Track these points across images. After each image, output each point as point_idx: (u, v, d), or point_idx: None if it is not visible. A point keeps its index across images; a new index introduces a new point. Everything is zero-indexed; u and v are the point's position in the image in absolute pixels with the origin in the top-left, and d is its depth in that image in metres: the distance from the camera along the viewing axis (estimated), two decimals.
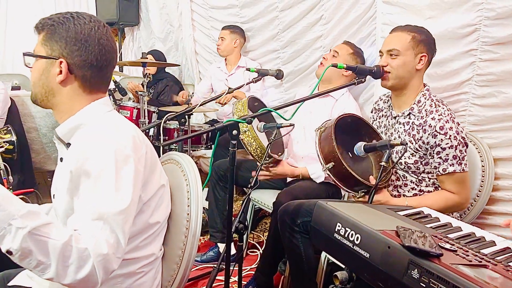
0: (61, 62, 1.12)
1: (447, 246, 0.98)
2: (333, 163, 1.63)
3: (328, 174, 1.66)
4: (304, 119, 2.51)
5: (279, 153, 2.34)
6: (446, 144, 1.72)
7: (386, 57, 1.84)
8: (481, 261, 0.95)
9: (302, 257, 1.86)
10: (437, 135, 1.72)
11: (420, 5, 2.19)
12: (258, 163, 2.11)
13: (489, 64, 2.01)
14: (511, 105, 1.96)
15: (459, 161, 1.73)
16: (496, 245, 1.13)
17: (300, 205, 1.89)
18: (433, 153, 1.75)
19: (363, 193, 1.65)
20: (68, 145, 1.18)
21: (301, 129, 2.51)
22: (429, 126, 1.74)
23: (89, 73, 1.15)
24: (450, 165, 1.73)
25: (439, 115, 1.74)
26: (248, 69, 2.58)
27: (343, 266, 1.21)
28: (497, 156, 2.05)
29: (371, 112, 2.14)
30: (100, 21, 1.18)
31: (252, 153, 2.08)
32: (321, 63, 2.57)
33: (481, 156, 2.02)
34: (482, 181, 2.00)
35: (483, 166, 2.01)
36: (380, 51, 1.89)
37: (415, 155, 1.81)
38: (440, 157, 1.74)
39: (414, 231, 1.00)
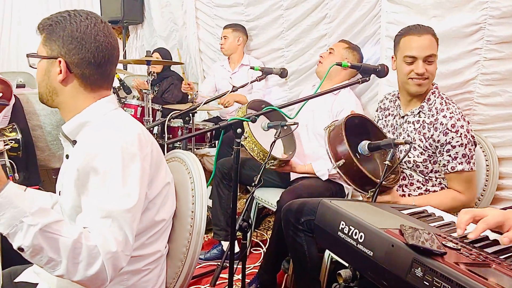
0: (60, 62, 1.13)
1: (451, 245, 0.98)
2: (344, 161, 1.62)
3: (337, 172, 1.66)
4: (306, 118, 2.51)
5: (291, 152, 2.34)
6: (457, 142, 1.72)
7: (422, 64, 1.76)
8: (484, 260, 0.95)
9: (305, 255, 1.86)
10: (448, 133, 1.72)
11: (425, 4, 2.19)
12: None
13: (494, 63, 2.01)
14: None
15: (468, 159, 1.73)
16: (499, 244, 1.13)
17: (303, 204, 1.89)
18: (443, 151, 1.75)
19: (372, 193, 1.64)
20: (74, 142, 1.19)
21: (303, 128, 2.52)
22: (440, 124, 1.74)
23: (87, 71, 1.15)
24: (459, 164, 1.74)
25: (450, 113, 1.74)
26: (252, 68, 2.59)
27: (347, 265, 1.22)
28: (501, 156, 2.04)
29: (376, 111, 2.14)
30: (98, 18, 1.17)
31: (256, 157, 2.09)
32: (319, 62, 2.59)
33: (485, 155, 2.02)
34: (487, 180, 2.00)
35: (487, 165, 2.01)
36: (411, 57, 1.78)
37: (424, 154, 1.81)
38: (450, 155, 1.74)
39: (418, 230, 1.00)
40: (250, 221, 1.60)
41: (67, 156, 1.24)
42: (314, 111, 2.51)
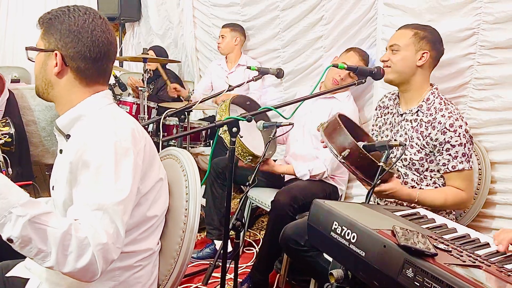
0: (56, 55, 1.14)
1: (442, 246, 0.99)
2: (349, 150, 1.61)
3: (343, 162, 1.63)
4: (303, 119, 2.52)
5: (270, 152, 2.34)
6: (456, 141, 1.73)
7: (388, 52, 1.89)
8: (475, 262, 0.96)
9: (326, 268, 1.82)
10: (446, 132, 1.74)
11: (420, 8, 2.21)
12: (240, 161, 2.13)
13: (487, 68, 2.02)
14: (508, 109, 1.98)
15: (467, 158, 1.76)
16: (490, 246, 1.14)
17: (297, 226, 1.88)
18: (442, 150, 1.77)
19: (379, 181, 1.61)
20: (68, 136, 1.19)
21: (300, 128, 2.52)
22: (438, 123, 1.76)
23: (83, 65, 1.15)
24: (460, 163, 1.75)
25: (449, 113, 1.76)
26: (248, 68, 2.59)
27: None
28: (493, 160, 2.06)
29: (376, 109, 2.15)
30: (96, 13, 1.18)
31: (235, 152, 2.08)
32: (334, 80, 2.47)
33: (478, 159, 2.03)
34: (479, 184, 2.02)
35: (480, 169, 2.02)
36: (386, 48, 1.94)
37: (421, 152, 1.83)
38: (450, 154, 1.76)
39: (410, 231, 1.01)
40: (243, 221, 1.61)
41: (60, 151, 1.24)
42: (312, 112, 2.51)
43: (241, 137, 2.04)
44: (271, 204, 2.17)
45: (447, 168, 1.77)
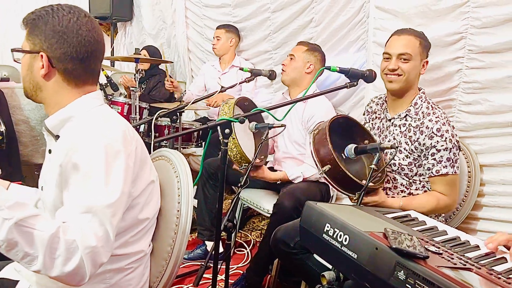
0: (42, 56, 1.12)
1: (433, 249, 1.00)
2: (329, 166, 1.63)
3: (324, 177, 1.66)
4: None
5: (262, 157, 2.34)
6: (442, 146, 1.75)
7: (396, 61, 1.83)
8: (465, 264, 0.98)
9: (315, 270, 1.81)
10: (433, 137, 1.75)
11: (409, 13, 2.23)
12: (236, 166, 2.12)
13: (475, 72, 2.05)
14: (496, 113, 2.01)
15: (452, 163, 1.77)
16: (480, 249, 1.15)
17: (286, 229, 1.89)
18: (428, 155, 1.79)
19: (359, 195, 1.64)
20: (57, 137, 1.18)
21: (280, 135, 2.51)
22: (426, 127, 1.78)
23: (70, 65, 1.13)
24: (444, 167, 1.77)
25: (436, 117, 1.78)
26: (241, 69, 2.59)
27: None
28: (482, 163, 2.08)
29: (363, 114, 2.16)
30: (81, 12, 1.16)
31: (232, 158, 2.08)
32: (282, 70, 2.52)
33: (467, 162, 2.06)
34: (468, 187, 2.04)
35: (469, 172, 2.05)
36: (387, 53, 1.88)
37: (409, 157, 1.84)
38: (435, 159, 1.78)
39: (402, 234, 1.02)
40: (235, 222, 1.60)
41: (49, 151, 1.22)
42: (288, 118, 2.49)
43: (234, 137, 2.04)
44: (274, 207, 2.16)
45: (432, 172, 1.79)
